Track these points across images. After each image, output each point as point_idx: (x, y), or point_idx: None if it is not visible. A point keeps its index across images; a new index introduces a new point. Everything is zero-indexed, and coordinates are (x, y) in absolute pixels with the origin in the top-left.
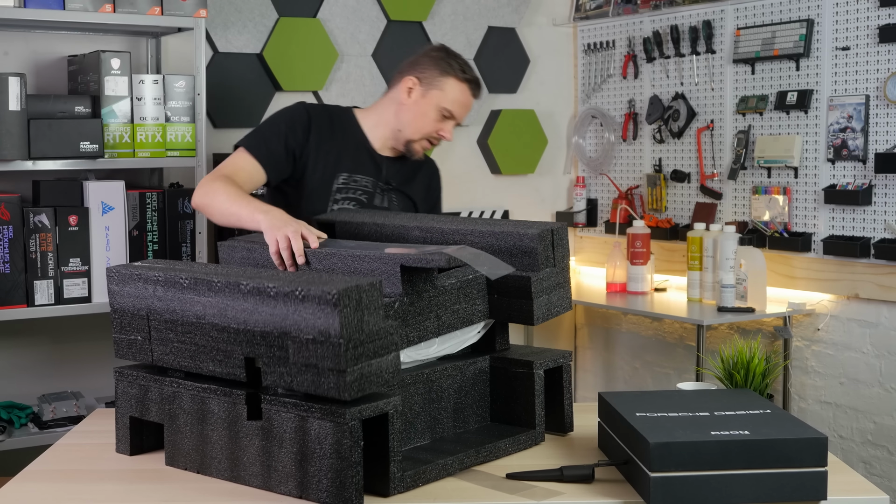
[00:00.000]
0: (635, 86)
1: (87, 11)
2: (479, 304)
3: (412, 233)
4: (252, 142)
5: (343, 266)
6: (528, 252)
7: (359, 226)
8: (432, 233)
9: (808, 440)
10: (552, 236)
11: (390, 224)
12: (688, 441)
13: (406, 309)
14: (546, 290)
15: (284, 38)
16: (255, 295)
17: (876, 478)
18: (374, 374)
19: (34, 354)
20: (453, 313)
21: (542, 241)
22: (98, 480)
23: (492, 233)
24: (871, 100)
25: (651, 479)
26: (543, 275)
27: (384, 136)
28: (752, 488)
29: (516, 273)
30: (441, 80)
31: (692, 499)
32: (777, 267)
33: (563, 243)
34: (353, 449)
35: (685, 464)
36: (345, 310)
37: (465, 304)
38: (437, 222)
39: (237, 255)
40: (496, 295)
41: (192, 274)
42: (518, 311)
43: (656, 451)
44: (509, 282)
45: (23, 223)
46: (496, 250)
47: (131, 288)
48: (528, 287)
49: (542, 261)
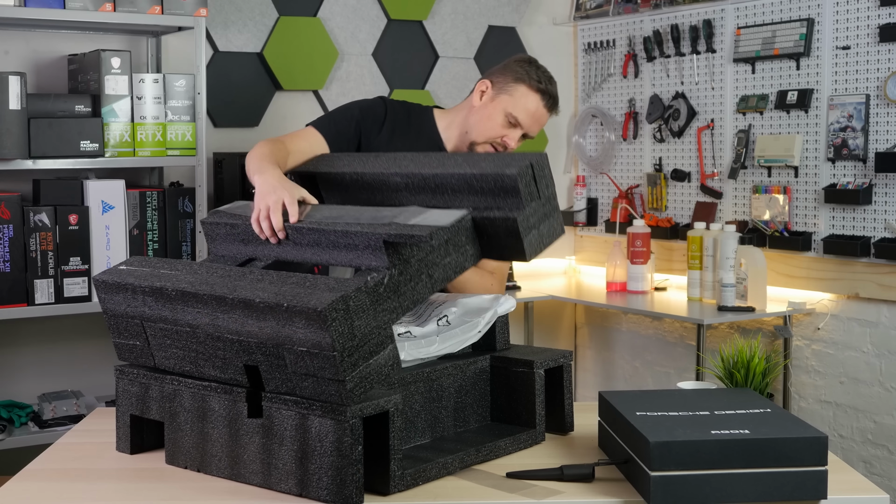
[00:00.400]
0: (636, 85)
1: (88, 10)
2: (469, 250)
3: (392, 179)
4: (322, 120)
5: (325, 241)
6: (511, 191)
7: (339, 175)
8: (413, 178)
9: (808, 439)
10: (532, 170)
11: (370, 172)
12: (688, 440)
13: (397, 280)
14: (534, 225)
15: (285, 37)
16: (242, 308)
17: (876, 477)
18: (373, 373)
19: (34, 353)
20: (444, 268)
21: (523, 178)
22: (98, 479)
23: (472, 175)
24: (871, 99)
25: (651, 479)
26: (530, 210)
27: (455, 137)
28: (752, 487)
29: (502, 214)
30: (513, 86)
31: (692, 498)
32: (777, 266)
33: (545, 173)
34: (354, 447)
35: (685, 463)
36: (334, 323)
37: (455, 255)
38: (416, 167)
39: (220, 231)
40: (485, 237)
41: (178, 284)
42: (510, 250)
43: (656, 450)
44: (497, 223)
45: (23, 222)
46: (478, 192)
47: (121, 296)
48: (515, 227)
49: (526, 197)
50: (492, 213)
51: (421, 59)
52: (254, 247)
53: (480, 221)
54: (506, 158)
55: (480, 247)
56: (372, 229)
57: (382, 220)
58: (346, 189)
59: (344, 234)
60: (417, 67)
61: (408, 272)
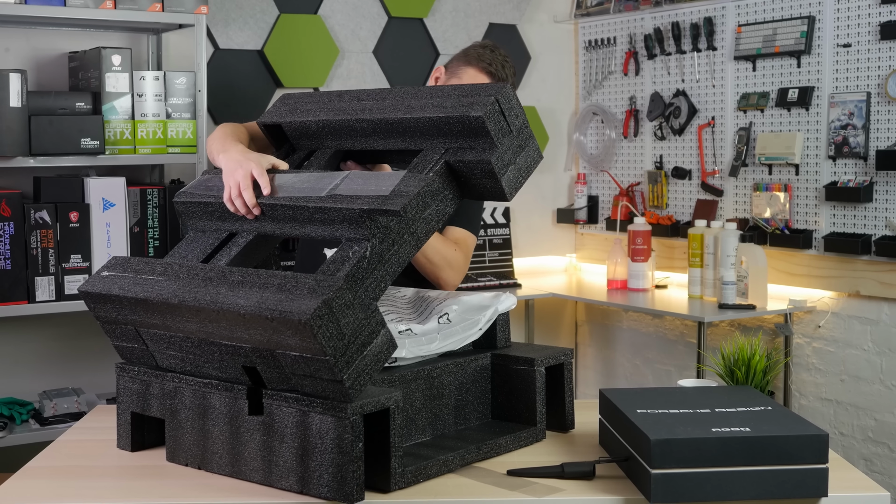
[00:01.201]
0: (636, 83)
1: (88, 8)
2: (448, 195)
3: (359, 125)
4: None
5: (302, 216)
6: (480, 131)
7: (305, 124)
8: (380, 124)
9: (809, 437)
10: (499, 105)
11: (335, 120)
12: (689, 438)
13: (380, 248)
14: (510, 161)
15: (285, 34)
16: (228, 318)
17: (877, 474)
18: (370, 363)
19: (35, 351)
20: (425, 221)
21: (491, 117)
22: (99, 476)
23: (439, 119)
24: (872, 97)
25: (652, 476)
26: (503, 148)
27: None
28: (752, 485)
29: (475, 157)
30: (462, 69)
31: (693, 495)
32: (778, 264)
33: (511, 104)
34: (355, 444)
35: (686, 460)
36: (320, 330)
37: (434, 205)
38: (381, 113)
39: (195, 210)
40: (462, 179)
41: (160, 295)
42: (489, 190)
43: (657, 447)
44: (472, 165)
45: (24, 219)
46: (447, 134)
47: (109, 306)
48: (490, 168)
49: (497, 135)
50: (465, 154)
51: (421, 56)
52: (231, 223)
53: (455, 165)
54: (470, 95)
55: (459, 187)
56: (345, 203)
57: (321, 191)
58: (313, 136)
59: (319, 210)
60: (418, 65)
61: (389, 238)
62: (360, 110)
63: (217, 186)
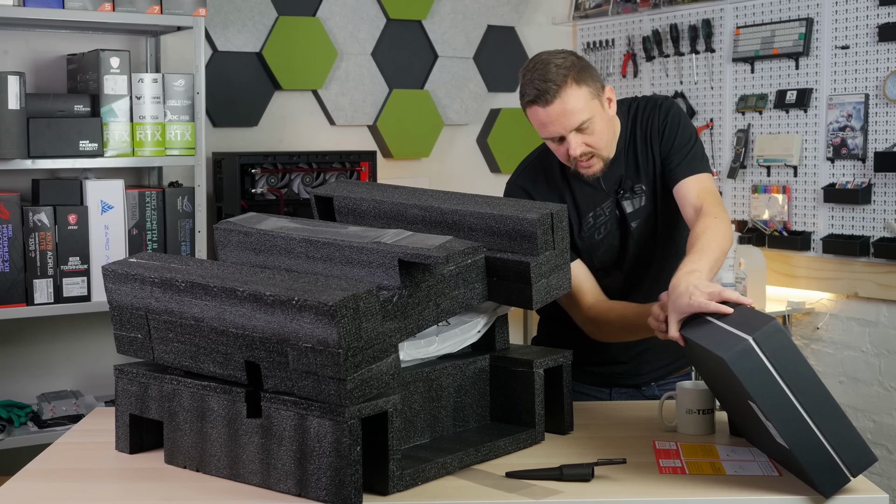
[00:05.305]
0: (635, 84)
1: (87, 10)
2: (477, 288)
3: (410, 211)
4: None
5: (339, 256)
6: (528, 236)
7: (357, 201)
8: (430, 212)
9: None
10: (552, 220)
11: (388, 201)
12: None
13: (405, 301)
14: (545, 274)
15: (284, 36)
16: (251, 301)
17: (875, 476)
18: (374, 378)
19: (33, 353)
20: (452, 300)
21: (542, 225)
22: (97, 479)
23: (491, 215)
24: (870, 98)
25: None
26: (542, 259)
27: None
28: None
29: (516, 258)
30: (527, 113)
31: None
32: (776, 266)
33: (562, 226)
34: (353, 447)
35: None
36: (342, 320)
37: (463, 290)
38: (435, 201)
39: (233, 239)
40: (495, 278)
41: (188, 276)
42: (517, 295)
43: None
44: (509, 266)
45: (22, 222)
46: (495, 233)
47: (128, 287)
48: (527, 272)
49: (542, 245)
50: (505, 255)
51: (420, 58)
52: (265, 256)
53: (493, 261)
54: (527, 205)
55: (488, 287)
56: (388, 248)
57: (366, 238)
58: (362, 216)
59: (358, 251)
60: (417, 67)
61: (417, 295)
62: (414, 197)
63: (257, 226)
